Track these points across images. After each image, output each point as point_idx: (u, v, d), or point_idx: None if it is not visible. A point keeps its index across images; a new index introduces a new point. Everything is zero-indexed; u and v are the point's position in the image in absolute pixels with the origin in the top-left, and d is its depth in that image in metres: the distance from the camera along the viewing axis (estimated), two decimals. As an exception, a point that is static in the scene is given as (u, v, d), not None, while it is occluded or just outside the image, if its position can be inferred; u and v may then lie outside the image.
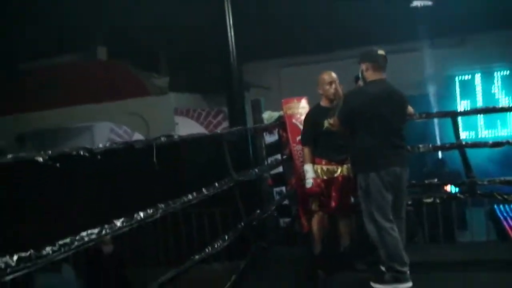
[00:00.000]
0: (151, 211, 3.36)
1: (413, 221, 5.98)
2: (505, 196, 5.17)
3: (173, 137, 3.91)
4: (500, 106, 9.55)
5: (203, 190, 4.03)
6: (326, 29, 10.92)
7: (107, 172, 7.85)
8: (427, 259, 4.77)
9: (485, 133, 11.20)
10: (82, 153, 2.98)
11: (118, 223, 3.08)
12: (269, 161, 6.45)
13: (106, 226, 2.98)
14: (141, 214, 3.26)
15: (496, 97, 11.32)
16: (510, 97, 11.16)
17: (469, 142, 5.83)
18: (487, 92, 11.39)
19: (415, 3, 9.92)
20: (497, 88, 11.38)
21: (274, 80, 12.63)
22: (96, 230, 2.91)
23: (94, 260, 6.11)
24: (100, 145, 3.17)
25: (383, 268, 4.12)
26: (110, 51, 12.10)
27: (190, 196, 3.89)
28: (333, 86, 4.69)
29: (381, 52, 4.16)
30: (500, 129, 11.25)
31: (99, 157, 3.10)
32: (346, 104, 4.20)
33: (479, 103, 11.12)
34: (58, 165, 2.65)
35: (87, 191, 7.97)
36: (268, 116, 6.72)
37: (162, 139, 3.71)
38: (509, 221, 9.13)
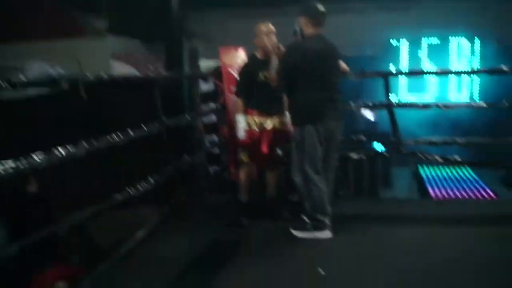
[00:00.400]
0: (73, 148, 3.30)
1: (339, 176, 6.14)
2: (428, 157, 5.37)
3: (102, 76, 3.81)
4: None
5: (130, 132, 3.98)
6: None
7: (34, 113, 7.66)
8: (349, 212, 4.94)
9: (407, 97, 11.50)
10: (3, 84, 2.89)
11: (37, 158, 3.02)
12: (202, 109, 6.43)
13: (24, 160, 2.92)
14: (62, 150, 3.21)
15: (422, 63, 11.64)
16: (436, 64, 11.44)
17: (398, 102, 5.98)
18: (414, 58, 11.66)
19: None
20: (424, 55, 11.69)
21: (217, 31, 12.43)
22: (13, 164, 2.85)
23: (17, 201, 5.98)
24: (22, 78, 3.07)
25: (305, 218, 4.25)
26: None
27: (116, 138, 3.85)
28: (271, 37, 4.67)
29: (320, 7, 4.20)
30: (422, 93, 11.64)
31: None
32: (284, 59, 4.23)
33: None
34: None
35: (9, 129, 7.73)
36: (205, 65, 6.67)
37: (91, 77, 3.63)
38: (431, 181, 9.54)
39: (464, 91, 11.46)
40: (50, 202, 6.34)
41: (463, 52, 11.50)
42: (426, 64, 11.40)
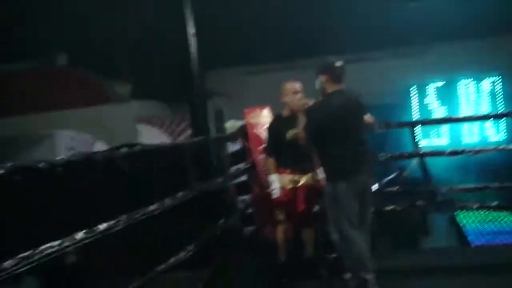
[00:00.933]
0: (112, 222, 3.36)
1: (375, 229, 6.08)
2: (464, 204, 5.31)
3: (134, 148, 3.90)
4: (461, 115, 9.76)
5: (165, 201, 4.03)
6: (289, 38, 11.03)
7: (69, 184, 7.78)
8: (390, 266, 4.86)
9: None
10: (42, 166, 2.97)
11: (79, 235, 3.07)
12: (232, 171, 6.47)
13: (66, 238, 2.97)
14: (102, 226, 3.26)
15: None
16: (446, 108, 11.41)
17: (428, 151, 5.97)
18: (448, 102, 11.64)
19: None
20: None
21: (237, 88, 12.65)
22: (56, 243, 2.91)
23: (57, 270, 6.03)
24: (62, 156, 3.15)
25: (347, 276, 4.20)
26: (70, 58, 11.97)
27: (151, 207, 3.90)
28: (298, 96, 4.73)
29: (338, 63, 4.22)
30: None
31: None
32: (309, 119, 4.26)
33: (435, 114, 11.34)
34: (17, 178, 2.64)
35: (47, 203, 7.85)
36: (231, 125, 6.75)
37: (122, 150, 3.71)
38: (469, 227, 9.36)
39: (492, 134, 11.35)
40: (89, 273, 6.38)
41: (484, 94, 11.44)
42: (447, 109, 11.39)
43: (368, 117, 4.60)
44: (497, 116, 7.95)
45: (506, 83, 11.26)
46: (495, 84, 11.39)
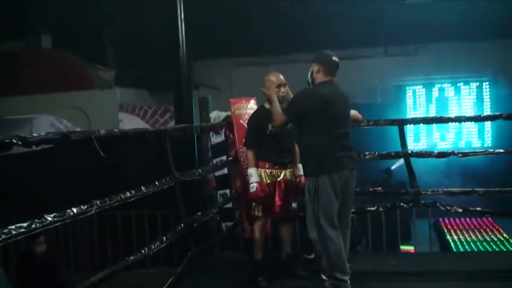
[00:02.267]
0: (85, 207, 3.29)
1: (356, 229, 6.08)
2: (448, 207, 5.30)
3: (113, 131, 3.84)
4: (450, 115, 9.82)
5: (142, 188, 3.97)
6: (280, 32, 11.00)
7: (43, 167, 7.71)
8: (369, 268, 4.86)
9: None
10: (15, 141, 2.90)
11: (49, 217, 3.01)
12: (214, 162, 6.43)
13: (36, 220, 2.91)
14: (74, 209, 3.20)
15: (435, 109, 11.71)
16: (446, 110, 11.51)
17: (415, 151, 5.95)
18: (425, 104, 11.75)
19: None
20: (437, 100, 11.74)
21: (225, 80, 12.64)
22: (25, 224, 2.84)
23: (26, 260, 5.95)
24: (34, 134, 3.08)
25: (324, 277, 4.17)
26: (55, 40, 11.84)
27: (128, 194, 3.83)
28: (281, 89, 4.68)
29: (335, 58, 4.23)
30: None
31: (33, 147, 3.03)
32: (295, 102, 4.24)
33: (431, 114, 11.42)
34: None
35: (19, 185, 7.77)
36: (216, 115, 6.71)
37: (102, 131, 3.64)
38: (452, 233, 9.42)
39: (478, 138, 11.48)
40: (59, 262, 6.31)
41: (472, 96, 11.56)
42: (437, 110, 11.51)
43: (355, 112, 4.60)
44: (487, 118, 7.94)
45: (494, 87, 11.38)
46: (483, 88, 11.51)
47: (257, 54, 12.26)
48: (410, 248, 7.56)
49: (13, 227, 2.74)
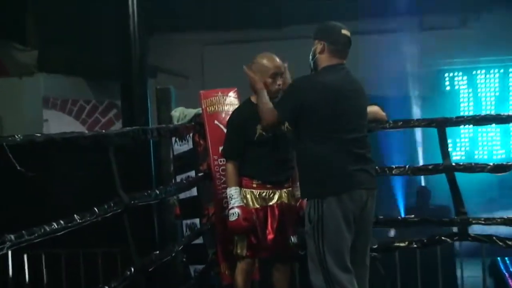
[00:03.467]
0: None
1: (379, 273, 6.08)
2: (508, 242, 5.31)
3: (35, 136, 3.82)
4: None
5: (75, 217, 3.95)
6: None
7: None
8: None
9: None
10: None
11: None
12: (178, 180, 6.42)
13: None
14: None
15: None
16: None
17: (462, 164, 5.97)
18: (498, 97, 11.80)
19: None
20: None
21: (194, 63, 12.63)
22: None
23: None
24: None
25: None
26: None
27: (55, 225, 3.81)
28: (277, 81, 4.66)
29: (345, 32, 4.25)
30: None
31: None
32: (290, 94, 4.25)
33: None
34: None
35: None
36: (180, 114, 6.68)
37: (18, 137, 3.62)
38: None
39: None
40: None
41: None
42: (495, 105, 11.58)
43: (376, 109, 4.60)
44: None
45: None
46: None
47: (240, 27, 12.23)
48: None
49: None
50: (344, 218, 4.07)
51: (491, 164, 5.63)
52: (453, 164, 5.50)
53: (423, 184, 9.75)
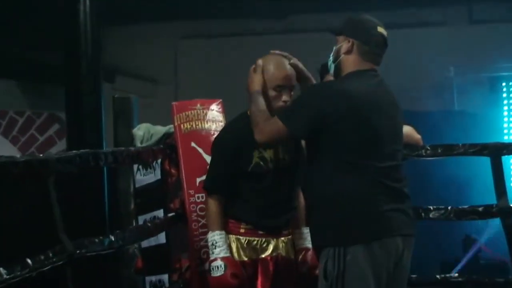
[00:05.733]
0: None
1: None
2: None
3: None
4: None
5: (0, 270, 3.96)
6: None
7: None
8: None
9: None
10: None
11: None
12: (140, 222, 6.43)
13: None
14: None
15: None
16: None
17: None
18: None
19: None
20: None
21: (164, 64, 12.65)
22: None
23: None
24: None
25: None
26: None
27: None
28: (283, 95, 4.61)
29: (381, 29, 4.27)
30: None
31: None
32: (310, 101, 4.18)
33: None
34: None
35: None
36: (145, 132, 6.71)
37: None
38: None
39: None
40: None
41: None
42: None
43: (409, 131, 4.62)
44: None
45: None
46: None
47: (229, 15, 12.25)
48: None
49: None
50: (374, 274, 4.05)
51: None
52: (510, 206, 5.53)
53: (470, 231, 9.76)
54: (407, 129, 4.67)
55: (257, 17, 11.96)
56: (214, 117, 5.95)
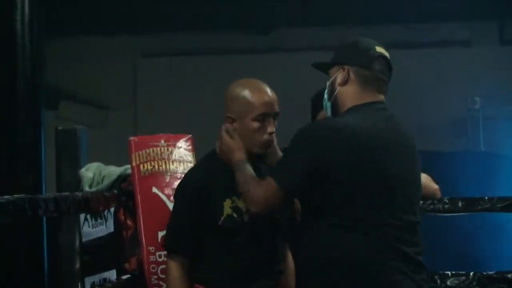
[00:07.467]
0: None
1: None
2: None
3: None
4: None
5: None
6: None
7: None
8: None
9: None
10: None
11: None
12: (87, 285, 6.44)
13: None
14: None
15: None
16: None
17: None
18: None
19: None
20: None
21: (121, 85, 12.68)
22: None
23: None
24: None
25: None
26: None
27: None
28: (268, 127, 4.58)
29: (380, 49, 4.30)
30: None
31: None
32: (305, 149, 4.17)
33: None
34: None
35: None
36: (96, 173, 6.73)
37: None
38: None
39: None
40: None
41: None
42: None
43: (423, 178, 4.64)
44: None
45: None
46: None
47: (198, 28, 12.31)
48: None
49: None
50: None
51: None
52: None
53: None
54: (423, 179, 4.69)
55: (234, 31, 12.05)
56: (182, 157, 5.96)
